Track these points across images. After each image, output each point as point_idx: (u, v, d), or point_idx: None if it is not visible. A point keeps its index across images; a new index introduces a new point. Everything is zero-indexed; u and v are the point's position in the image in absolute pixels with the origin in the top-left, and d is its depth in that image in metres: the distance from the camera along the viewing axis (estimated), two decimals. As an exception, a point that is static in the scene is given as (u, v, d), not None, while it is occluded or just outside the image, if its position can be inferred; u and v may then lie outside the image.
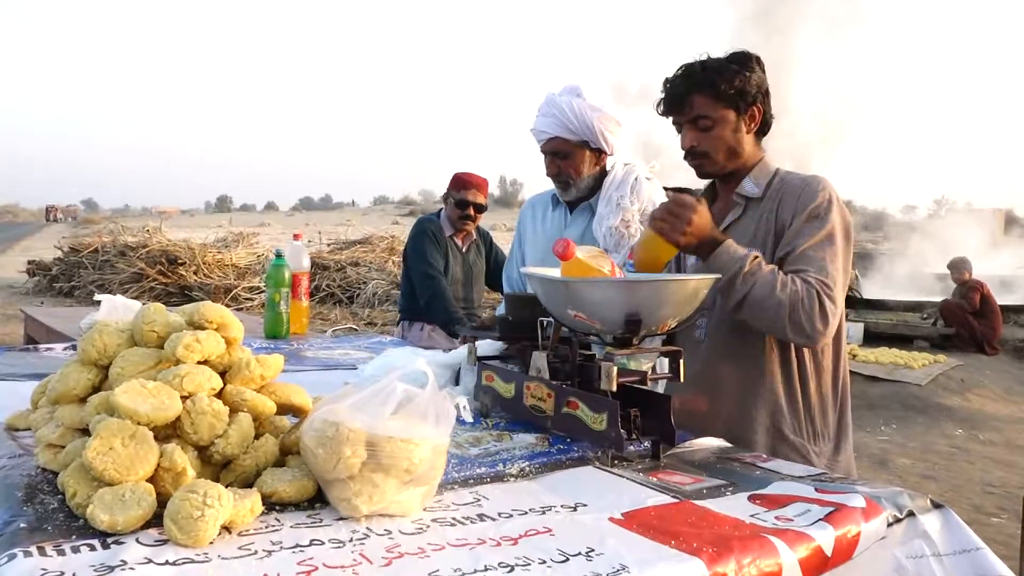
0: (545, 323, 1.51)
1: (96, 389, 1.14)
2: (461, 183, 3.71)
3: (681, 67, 1.80)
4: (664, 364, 1.49)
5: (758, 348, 1.77)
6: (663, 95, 1.83)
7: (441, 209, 3.89)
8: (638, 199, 2.38)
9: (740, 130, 1.79)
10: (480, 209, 3.74)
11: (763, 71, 1.80)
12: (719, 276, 1.55)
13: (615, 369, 1.32)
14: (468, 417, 1.25)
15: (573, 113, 2.33)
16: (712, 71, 1.76)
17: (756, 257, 1.63)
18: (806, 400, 1.78)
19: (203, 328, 1.15)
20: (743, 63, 1.77)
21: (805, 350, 1.78)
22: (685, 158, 1.84)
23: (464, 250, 3.82)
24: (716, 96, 1.75)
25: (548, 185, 2.58)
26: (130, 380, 1.05)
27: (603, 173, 2.47)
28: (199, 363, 1.11)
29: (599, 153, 2.44)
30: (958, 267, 10.27)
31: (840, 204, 1.75)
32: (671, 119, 1.85)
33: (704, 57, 1.80)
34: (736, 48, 1.81)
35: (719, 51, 1.82)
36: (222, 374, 1.14)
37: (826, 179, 1.77)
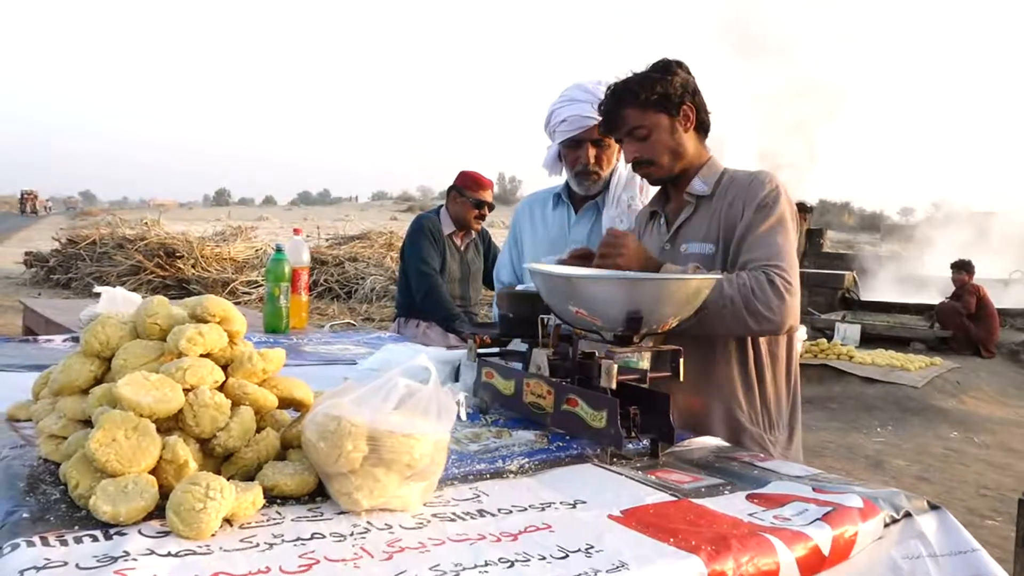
0: (546, 320, 1.51)
1: (98, 381, 1.15)
2: (478, 184, 3.74)
3: (608, 87, 1.89)
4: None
5: (715, 342, 1.81)
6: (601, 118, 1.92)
7: (441, 206, 3.89)
8: (647, 200, 2.38)
9: (677, 131, 1.86)
10: (491, 208, 3.84)
11: (687, 73, 1.87)
12: (719, 276, 1.57)
13: (615, 367, 1.32)
14: (463, 415, 1.23)
15: None
16: (634, 83, 1.84)
17: (696, 267, 1.70)
18: (762, 390, 1.84)
19: (206, 322, 1.16)
20: (663, 69, 1.85)
21: (760, 341, 1.82)
22: (634, 170, 1.94)
23: (462, 248, 3.83)
24: (643, 105, 1.83)
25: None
26: (133, 372, 1.05)
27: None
28: (201, 356, 1.12)
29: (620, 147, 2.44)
30: (967, 268, 10.21)
31: (786, 193, 1.83)
32: (614, 138, 1.94)
33: (629, 74, 1.87)
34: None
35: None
36: (224, 367, 1.14)
37: (772, 172, 1.86)
